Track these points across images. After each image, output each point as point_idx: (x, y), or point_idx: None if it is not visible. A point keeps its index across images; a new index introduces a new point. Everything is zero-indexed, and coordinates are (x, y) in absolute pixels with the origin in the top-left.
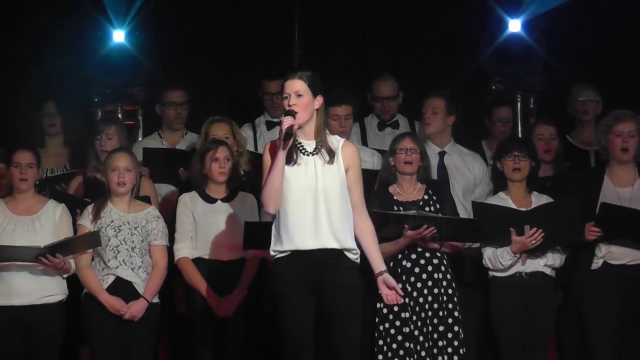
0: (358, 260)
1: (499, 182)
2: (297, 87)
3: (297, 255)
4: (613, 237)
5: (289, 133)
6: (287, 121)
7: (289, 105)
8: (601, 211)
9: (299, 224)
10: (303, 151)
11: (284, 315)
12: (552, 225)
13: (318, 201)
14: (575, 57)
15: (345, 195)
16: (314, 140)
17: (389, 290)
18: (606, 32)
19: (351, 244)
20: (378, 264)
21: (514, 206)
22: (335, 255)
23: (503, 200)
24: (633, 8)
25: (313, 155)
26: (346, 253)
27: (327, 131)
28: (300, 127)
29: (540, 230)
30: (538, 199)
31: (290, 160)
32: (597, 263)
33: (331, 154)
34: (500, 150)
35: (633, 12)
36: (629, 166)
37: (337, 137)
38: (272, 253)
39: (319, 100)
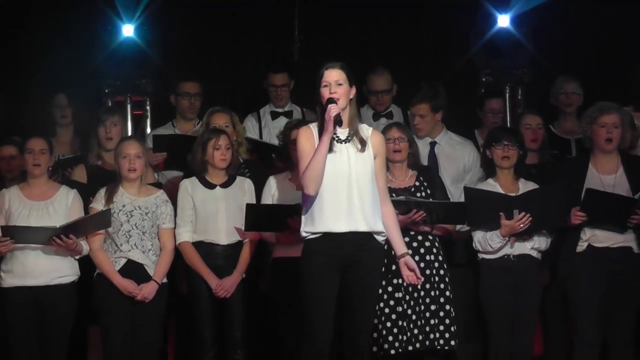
0: (384, 242)
1: (488, 169)
2: (337, 76)
3: (329, 237)
4: (597, 222)
5: (339, 120)
6: (334, 109)
7: (331, 93)
8: (586, 197)
9: (333, 208)
10: (337, 139)
11: (309, 292)
12: (539, 210)
13: (351, 187)
14: (560, 51)
15: (374, 181)
16: (347, 129)
17: (410, 272)
18: (589, 28)
19: (380, 227)
20: (400, 246)
21: (502, 192)
22: (364, 237)
23: (492, 186)
24: (614, 6)
25: (346, 142)
26: (374, 235)
27: (359, 120)
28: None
29: (529, 215)
30: (525, 186)
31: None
32: (581, 246)
33: (363, 142)
34: (490, 139)
35: (614, 10)
36: (612, 155)
37: (365, 125)
38: (303, 234)
39: (353, 91)
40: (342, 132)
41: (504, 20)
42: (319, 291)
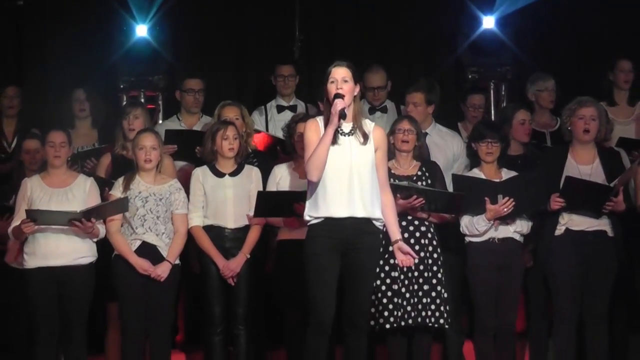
0: (382, 228)
1: (474, 160)
2: (343, 74)
3: (330, 221)
4: (574, 207)
5: (344, 114)
6: (340, 103)
7: (337, 89)
8: (565, 184)
9: (334, 195)
10: (341, 132)
11: (313, 272)
12: (521, 195)
13: (352, 176)
14: (540, 50)
15: (374, 171)
16: (351, 123)
17: (404, 256)
18: (566, 29)
19: (377, 214)
20: (395, 233)
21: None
22: (362, 222)
23: (477, 175)
24: (589, 11)
25: (349, 136)
26: (373, 221)
27: (362, 115)
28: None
29: (512, 200)
30: (507, 174)
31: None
32: (560, 229)
33: (365, 136)
34: (476, 134)
35: (589, 14)
36: (589, 146)
37: (368, 120)
38: (307, 218)
39: (357, 88)
40: (346, 126)
41: (488, 22)
42: (322, 271)
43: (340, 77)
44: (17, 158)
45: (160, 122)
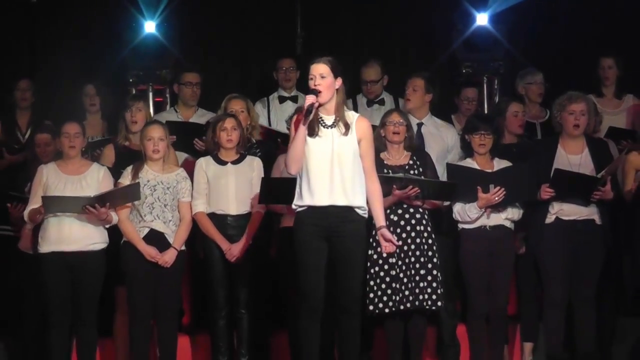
0: (366, 215)
1: (467, 150)
2: (321, 70)
3: (314, 209)
4: (564, 197)
5: (310, 110)
6: (309, 99)
7: (315, 85)
8: (554, 175)
9: (316, 184)
10: (323, 124)
11: (301, 258)
12: (512, 185)
13: (333, 166)
14: (531, 46)
15: (357, 161)
16: (334, 115)
17: (387, 242)
18: (556, 26)
19: (359, 202)
20: (379, 220)
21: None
22: (344, 210)
23: (470, 165)
24: (579, 7)
25: (331, 127)
26: (355, 209)
27: (345, 108)
28: (322, 105)
29: (503, 189)
30: (499, 164)
31: (312, 132)
32: (550, 218)
33: (346, 126)
34: (469, 126)
35: (579, 10)
36: (579, 138)
37: (353, 112)
38: (294, 207)
39: (339, 82)
40: (329, 118)
41: (482, 19)
42: (309, 256)
43: (318, 74)
44: (31, 148)
45: (158, 113)
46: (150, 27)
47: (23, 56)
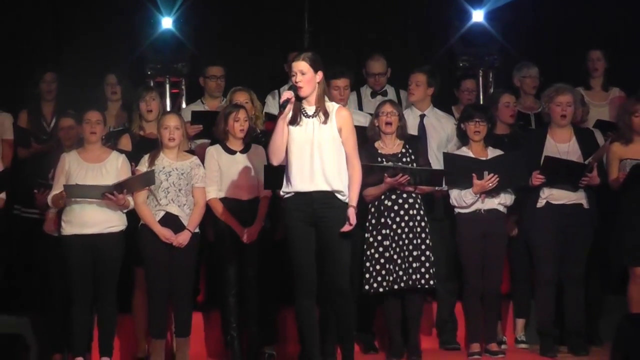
0: (347, 200)
1: (463, 139)
2: (301, 67)
3: (299, 196)
4: (553, 183)
5: (284, 105)
6: (285, 95)
7: (295, 82)
8: (544, 162)
9: (299, 171)
10: (305, 114)
11: (291, 242)
12: (505, 172)
13: (314, 153)
14: (524, 40)
15: (338, 148)
16: (315, 106)
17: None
18: (548, 22)
19: (340, 187)
20: (352, 200)
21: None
22: (327, 196)
23: (466, 153)
24: (569, 4)
25: (312, 117)
26: (336, 194)
27: (327, 99)
28: (305, 97)
29: (496, 176)
30: (493, 152)
31: (294, 121)
32: (541, 203)
33: (326, 115)
34: (465, 115)
35: (569, 7)
36: (566, 127)
37: (334, 104)
38: (282, 193)
39: (319, 75)
40: (310, 109)
41: (478, 16)
42: (298, 239)
43: (298, 70)
44: (56, 137)
45: (184, 105)
46: (167, 23)
47: (48, 49)
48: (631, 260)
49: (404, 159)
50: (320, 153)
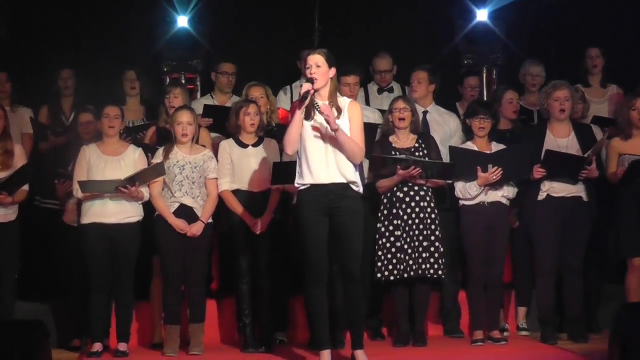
0: (361, 191)
1: (468, 134)
2: (317, 60)
3: (314, 187)
4: (554, 176)
5: (305, 96)
6: (305, 87)
7: (311, 74)
8: (545, 156)
9: (314, 164)
10: (318, 109)
11: (305, 233)
12: (508, 165)
13: (328, 147)
14: (527, 38)
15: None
16: (328, 101)
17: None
18: (550, 22)
19: (354, 178)
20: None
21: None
22: (342, 187)
23: (471, 147)
24: (570, 4)
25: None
26: (351, 185)
27: (338, 94)
28: (317, 91)
29: (500, 169)
30: (497, 147)
31: (308, 116)
32: (542, 195)
33: (339, 110)
34: (470, 112)
35: (570, 7)
36: (565, 123)
37: (346, 98)
38: (296, 185)
39: (333, 71)
40: (324, 104)
41: (482, 15)
42: (312, 230)
43: (314, 63)
44: (74, 131)
45: (197, 99)
46: (183, 21)
47: (67, 48)
48: (629, 251)
49: (417, 153)
50: (334, 147)
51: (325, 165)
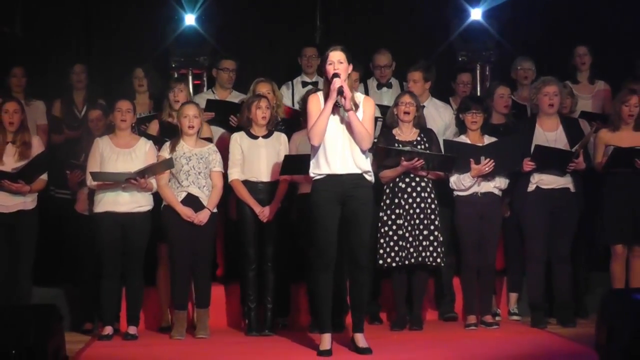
0: (373, 180)
1: (461, 128)
2: (339, 56)
3: (330, 177)
4: (543, 169)
5: (341, 91)
6: (337, 82)
7: (335, 69)
8: (535, 150)
9: (332, 155)
10: (337, 104)
11: (317, 220)
12: (500, 158)
13: (345, 139)
14: (519, 37)
15: None
16: None
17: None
18: (541, 20)
19: (367, 167)
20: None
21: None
22: (357, 177)
23: (464, 140)
24: (560, 3)
25: (343, 106)
26: (364, 174)
27: (354, 90)
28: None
29: (492, 161)
30: (489, 140)
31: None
32: (531, 187)
33: (355, 105)
34: (463, 106)
35: (560, 6)
36: (553, 117)
37: (360, 94)
38: (311, 175)
39: (350, 68)
40: (340, 99)
41: (476, 14)
42: (323, 217)
43: (336, 59)
44: (86, 125)
45: (198, 94)
46: (190, 19)
47: (80, 45)
48: (612, 239)
49: (419, 147)
50: (350, 139)
51: (341, 156)
